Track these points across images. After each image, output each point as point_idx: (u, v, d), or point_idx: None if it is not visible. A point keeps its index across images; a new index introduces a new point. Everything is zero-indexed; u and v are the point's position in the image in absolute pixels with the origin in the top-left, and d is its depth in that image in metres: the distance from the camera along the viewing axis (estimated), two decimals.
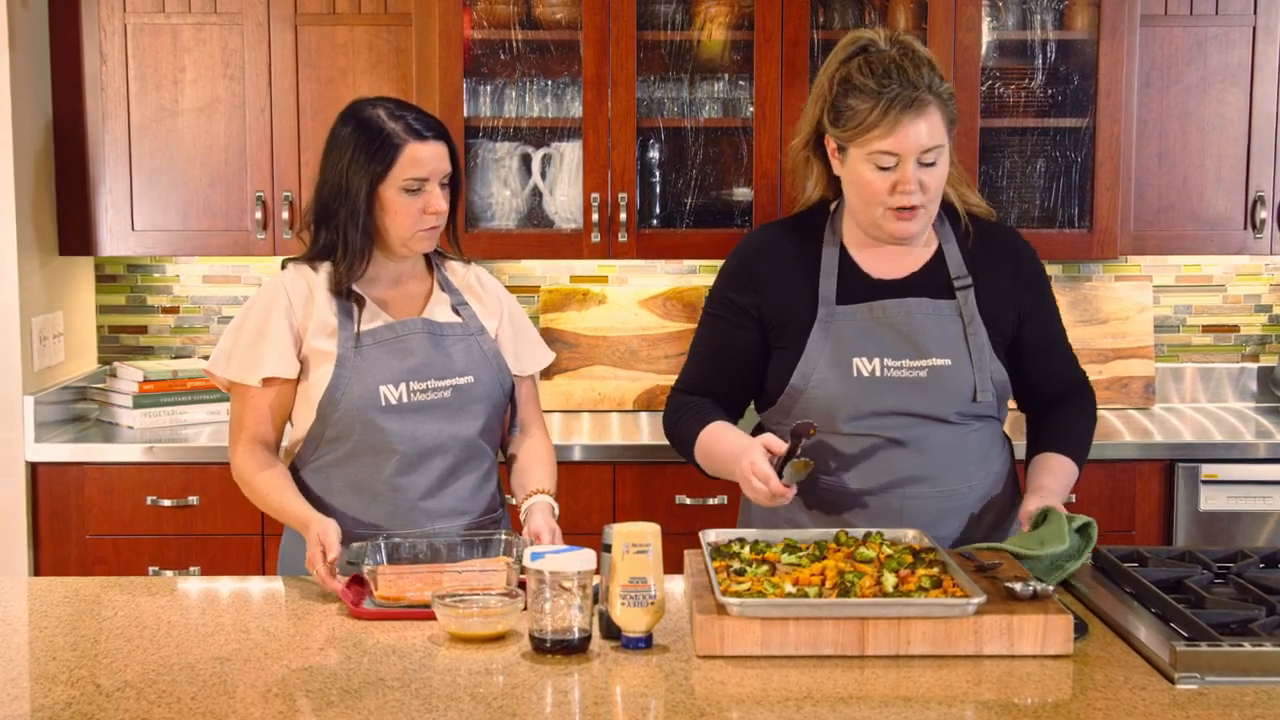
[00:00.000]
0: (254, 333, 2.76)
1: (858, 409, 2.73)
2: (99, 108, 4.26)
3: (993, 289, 2.79)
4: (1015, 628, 2.21)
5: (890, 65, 2.62)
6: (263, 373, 2.74)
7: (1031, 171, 4.31)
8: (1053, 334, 2.89)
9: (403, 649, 2.29)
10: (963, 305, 2.75)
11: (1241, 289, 4.70)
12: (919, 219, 2.68)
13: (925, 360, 2.72)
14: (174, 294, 4.67)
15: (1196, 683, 2.10)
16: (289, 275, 2.80)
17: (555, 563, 2.24)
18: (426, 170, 2.72)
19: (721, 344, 2.86)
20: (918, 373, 2.72)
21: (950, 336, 2.74)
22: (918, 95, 2.60)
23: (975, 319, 2.75)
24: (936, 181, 2.67)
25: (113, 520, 4.07)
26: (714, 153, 4.33)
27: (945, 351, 2.73)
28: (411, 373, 2.76)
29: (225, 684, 2.14)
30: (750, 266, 2.84)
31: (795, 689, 2.09)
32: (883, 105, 2.60)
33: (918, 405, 2.72)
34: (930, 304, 2.75)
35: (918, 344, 2.72)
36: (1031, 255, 2.88)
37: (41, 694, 2.11)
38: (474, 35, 4.22)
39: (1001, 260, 2.82)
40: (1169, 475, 4.07)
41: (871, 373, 2.72)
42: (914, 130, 2.60)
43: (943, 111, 2.64)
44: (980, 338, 2.74)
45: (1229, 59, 4.29)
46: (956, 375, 2.73)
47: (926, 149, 2.62)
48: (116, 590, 2.64)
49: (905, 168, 2.62)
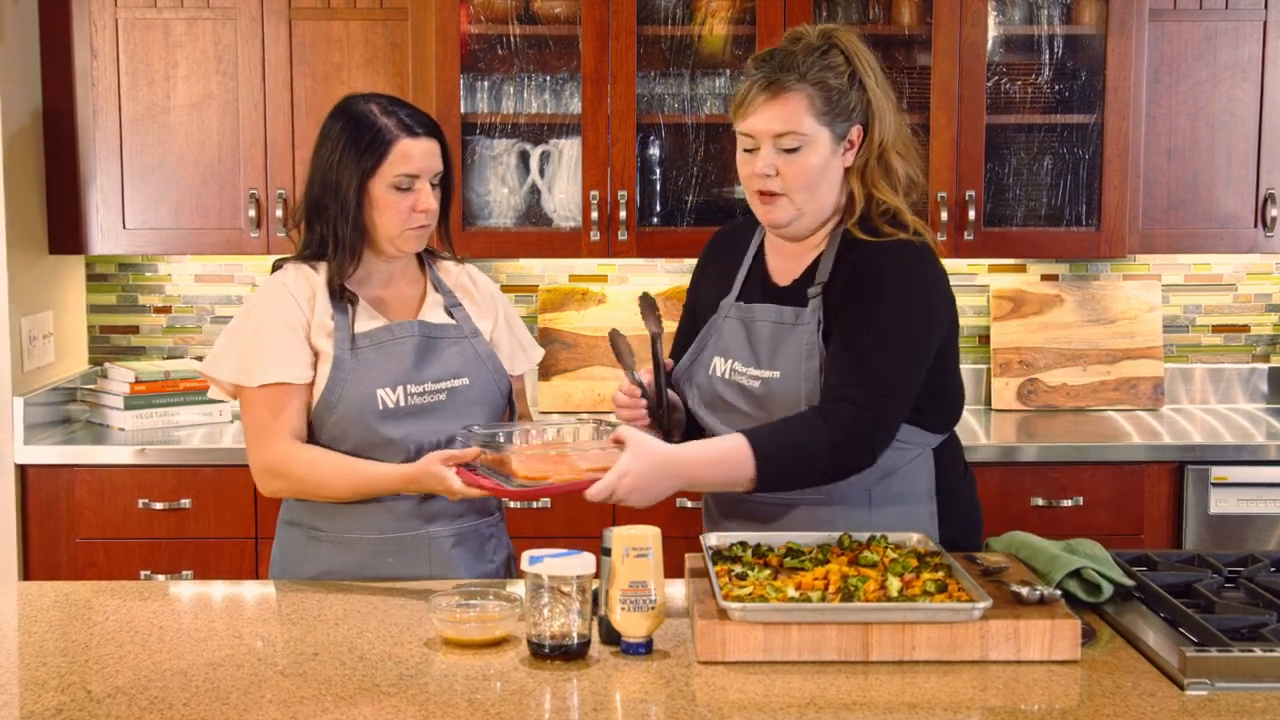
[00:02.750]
0: (254, 333, 2.72)
1: (712, 407, 2.76)
2: (90, 103, 4.25)
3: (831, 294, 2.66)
4: (1022, 633, 2.20)
5: (780, 52, 2.63)
6: (266, 376, 2.70)
7: (1038, 169, 4.31)
8: (847, 339, 2.61)
9: (399, 655, 2.28)
10: (810, 314, 2.67)
11: (1252, 288, 4.69)
12: (780, 206, 2.66)
13: (759, 370, 2.71)
14: (166, 293, 4.67)
15: (1206, 689, 2.09)
16: (289, 275, 2.77)
17: (554, 567, 2.22)
18: (417, 167, 2.71)
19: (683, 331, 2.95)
20: (753, 382, 2.71)
21: (789, 348, 2.68)
22: (777, 79, 2.59)
23: (815, 330, 2.65)
24: (796, 172, 2.62)
25: (104, 523, 4.05)
26: (715, 149, 4.33)
27: (779, 363, 2.68)
28: (408, 375, 2.75)
29: (218, 690, 2.13)
30: (704, 257, 2.94)
31: (798, 695, 2.08)
32: (746, 86, 2.63)
33: (752, 412, 2.70)
34: (775, 311, 2.72)
35: (759, 353, 2.71)
36: (878, 269, 2.63)
37: (31, 700, 2.10)
38: (471, 30, 4.22)
39: (855, 265, 2.64)
40: (1178, 477, 4.05)
41: (722, 374, 2.75)
42: (764, 113, 2.60)
43: (814, 100, 2.60)
44: (815, 347, 2.64)
45: (1239, 54, 4.29)
46: (785, 387, 2.67)
47: (778, 134, 2.60)
48: (107, 595, 2.63)
49: (761, 150, 2.63)
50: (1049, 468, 4.05)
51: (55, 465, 4.04)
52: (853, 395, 2.55)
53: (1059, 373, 4.52)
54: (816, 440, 2.53)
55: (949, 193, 4.17)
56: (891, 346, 2.59)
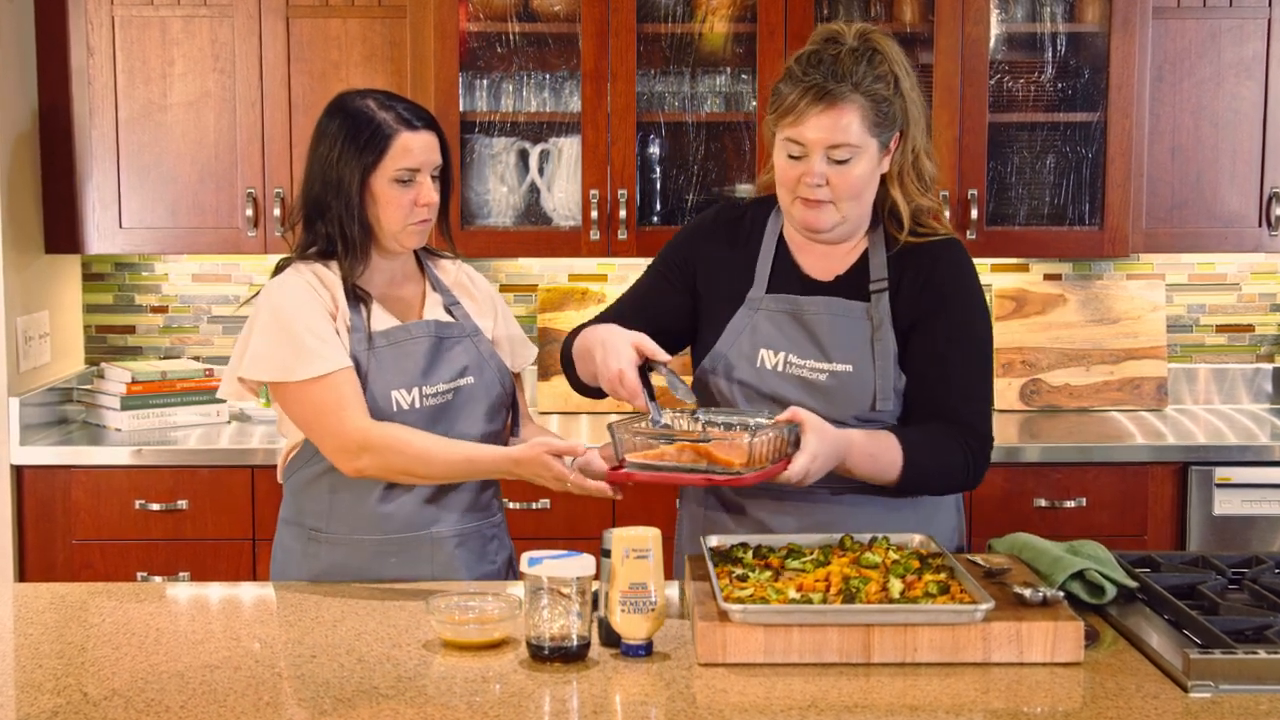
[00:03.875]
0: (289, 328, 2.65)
1: (757, 399, 2.72)
2: (86, 102, 4.25)
3: (900, 296, 2.71)
4: (1024, 634, 2.19)
5: (829, 57, 2.59)
6: (317, 368, 2.63)
7: (1041, 167, 4.31)
8: (940, 355, 2.68)
9: (397, 657, 2.26)
10: (873, 309, 2.70)
11: (1256, 288, 4.68)
12: (826, 213, 2.64)
13: (828, 364, 2.69)
14: (163, 293, 4.66)
15: (1210, 691, 2.08)
16: (305, 272, 2.72)
17: (553, 568, 2.21)
18: (418, 160, 2.70)
19: (649, 294, 2.89)
20: (819, 375, 2.69)
21: (858, 341, 2.69)
22: (832, 88, 2.56)
23: (885, 325, 2.69)
24: (848, 183, 2.61)
25: (100, 525, 4.04)
26: (716, 148, 4.33)
27: (849, 357, 2.68)
28: (422, 376, 2.74)
29: (215, 693, 2.12)
30: (699, 236, 2.86)
31: (799, 697, 2.07)
32: (797, 93, 2.58)
33: (815, 407, 2.64)
34: (843, 305, 2.71)
35: (824, 346, 2.70)
36: (951, 269, 2.71)
37: (27, 703, 2.09)
38: (470, 28, 4.21)
39: (918, 267, 2.71)
40: (1182, 478, 4.04)
41: (775, 367, 2.71)
42: (819, 122, 2.57)
43: (866, 111, 2.58)
44: (887, 344, 2.68)
45: (1243, 52, 4.29)
46: (857, 382, 2.68)
47: (833, 145, 2.58)
48: (104, 596, 2.62)
49: (812, 159, 2.60)
50: (1052, 468, 4.03)
51: (51, 466, 4.03)
52: (967, 417, 2.68)
53: (1062, 373, 4.51)
54: (954, 459, 2.65)
55: (951, 191, 4.17)
56: (976, 360, 2.73)
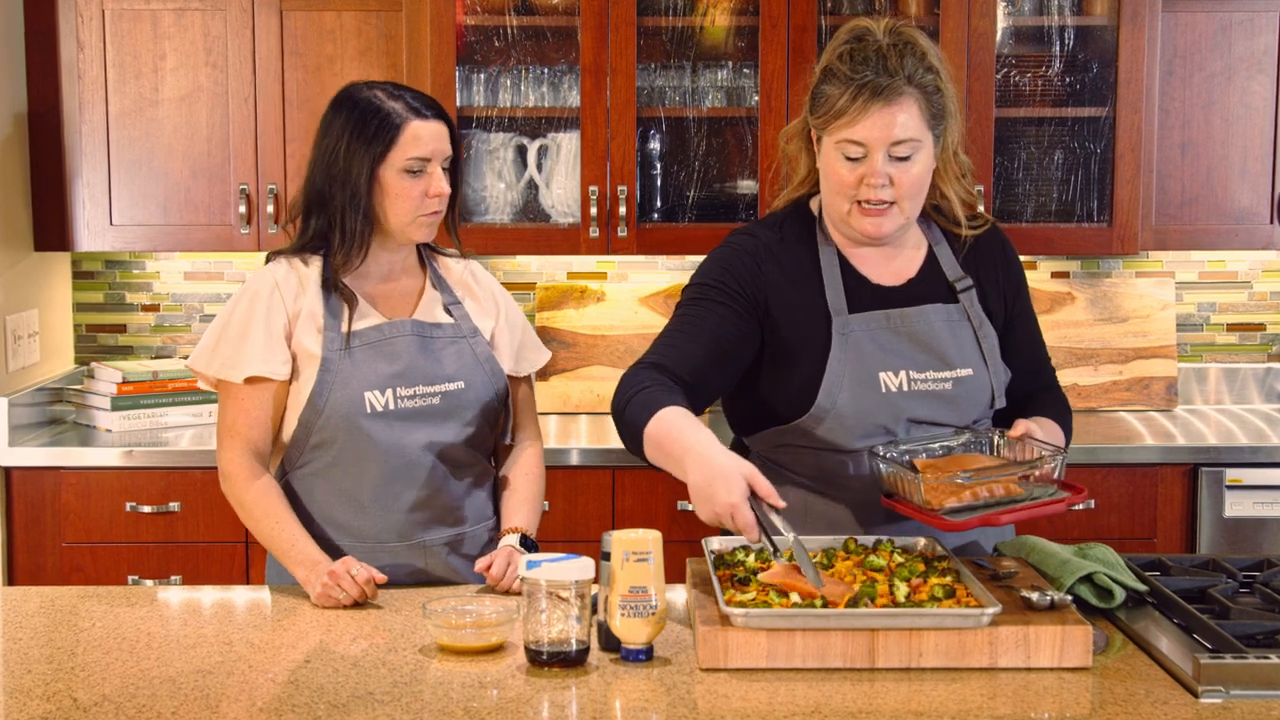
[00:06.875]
0: (240, 327, 2.71)
1: (883, 426, 2.64)
2: (75, 97, 4.24)
3: (986, 289, 2.75)
4: (1032, 639, 2.19)
5: (872, 53, 2.57)
6: (248, 370, 2.69)
7: (1049, 163, 4.30)
8: (1033, 333, 2.84)
9: (393, 662, 2.27)
10: (969, 308, 2.71)
11: (1267, 286, 4.69)
12: (890, 217, 2.60)
13: (950, 371, 2.67)
14: (154, 291, 4.65)
15: (1221, 696, 2.09)
16: (280, 268, 2.75)
17: (552, 572, 2.22)
18: (429, 149, 2.70)
19: (719, 328, 2.61)
20: (944, 385, 2.67)
21: (966, 344, 2.69)
22: (891, 83, 2.53)
23: (984, 322, 2.72)
24: (911, 180, 2.58)
25: (90, 527, 4.03)
26: (717, 143, 4.32)
27: (966, 361, 2.68)
28: (398, 378, 2.72)
29: (208, 698, 2.12)
30: (755, 263, 2.67)
31: (802, 703, 2.08)
32: (852, 91, 2.54)
33: (944, 417, 2.67)
34: (943, 310, 2.70)
35: (940, 354, 2.67)
36: (1014, 251, 2.83)
37: (16, 709, 2.09)
38: (467, 21, 4.21)
39: (992, 258, 2.78)
40: (1192, 480, 4.03)
41: (899, 387, 2.65)
42: (882, 119, 2.54)
43: (922, 105, 2.57)
44: (991, 341, 2.71)
45: (1254, 45, 4.29)
46: (978, 384, 2.70)
47: (896, 141, 2.55)
48: (94, 600, 2.63)
49: (874, 159, 2.56)
50: None
51: (40, 468, 4.02)
52: (1055, 380, 2.87)
53: (1070, 372, 4.49)
54: (1070, 419, 2.78)
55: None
56: (1039, 332, 2.87)
